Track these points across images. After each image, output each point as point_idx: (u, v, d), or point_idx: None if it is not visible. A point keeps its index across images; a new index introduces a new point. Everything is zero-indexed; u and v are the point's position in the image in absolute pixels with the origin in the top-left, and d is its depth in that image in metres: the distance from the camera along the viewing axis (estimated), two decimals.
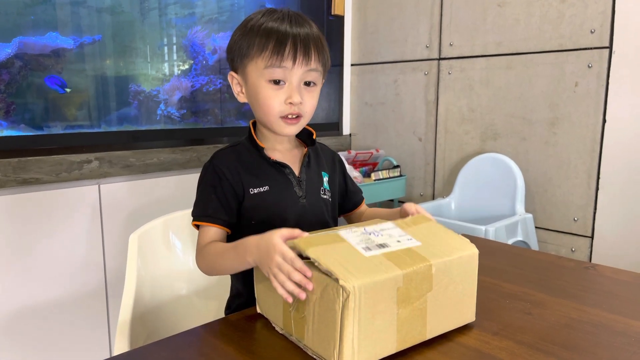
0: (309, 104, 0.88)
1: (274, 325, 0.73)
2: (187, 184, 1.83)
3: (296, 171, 0.92)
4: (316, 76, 0.88)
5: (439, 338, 0.70)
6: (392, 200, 2.36)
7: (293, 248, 0.66)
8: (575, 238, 1.80)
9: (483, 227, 1.62)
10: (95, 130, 1.69)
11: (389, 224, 0.75)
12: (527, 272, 0.99)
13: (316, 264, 0.62)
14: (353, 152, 2.27)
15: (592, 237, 1.76)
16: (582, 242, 1.79)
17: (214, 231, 0.86)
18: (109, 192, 1.65)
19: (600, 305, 0.82)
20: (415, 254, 0.68)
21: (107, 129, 1.72)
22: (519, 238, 1.76)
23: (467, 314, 0.74)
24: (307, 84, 0.87)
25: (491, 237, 1.61)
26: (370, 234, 0.71)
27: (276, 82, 0.85)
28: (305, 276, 0.64)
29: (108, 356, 1.68)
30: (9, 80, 1.49)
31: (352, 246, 0.67)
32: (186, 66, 1.93)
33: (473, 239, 1.22)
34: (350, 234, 0.70)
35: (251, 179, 0.88)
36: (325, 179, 0.96)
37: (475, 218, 1.96)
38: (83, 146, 1.61)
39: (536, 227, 1.88)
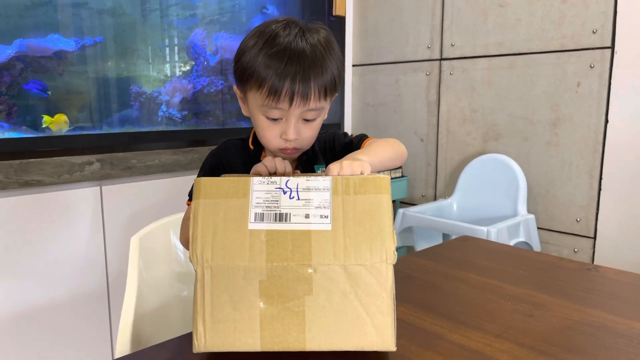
0: (306, 137, 0.84)
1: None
2: (188, 185, 1.83)
3: None
4: (316, 113, 0.83)
5: (436, 339, 0.70)
6: (394, 202, 2.36)
7: (195, 185, 0.63)
8: (578, 239, 1.80)
9: (485, 228, 1.62)
10: (97, 131, 1.69)
11: (325, 182, 0.62)
12: (529, 273, 0.99)
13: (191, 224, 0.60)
14: None
15: (594, 238, 1.76)
16: (584, 243, 1.78)
17: None
18: (111, 194, 1.66)
19: (602, 307, 0.82)
20: (307, 244, 0.60)
21: (109, 130, 1.72)
22: (521, 239, 1.76)
23: (376, 338, 0.61)
24: (307, 120, 0.83)
25: (493, 238, 1.60)
26: (286, 192, 0.61)
27: (273, 119, 0.82)
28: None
29: (110, 359, 1.69)
30: (11, 82, 1.49)
31: (245, 208, 0.60)
32: (187, 67, 1.93)
33: (475, 240, 1.22)
34: (262, 187, 0.61)
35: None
36: (320, 170, 0.95)
37: (477, 219, 1.95)
38: (84, 148, 1.61)
39: (538, 228, 1.87)
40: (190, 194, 0.90)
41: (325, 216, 0.61)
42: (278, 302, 0.60)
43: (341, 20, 2.40)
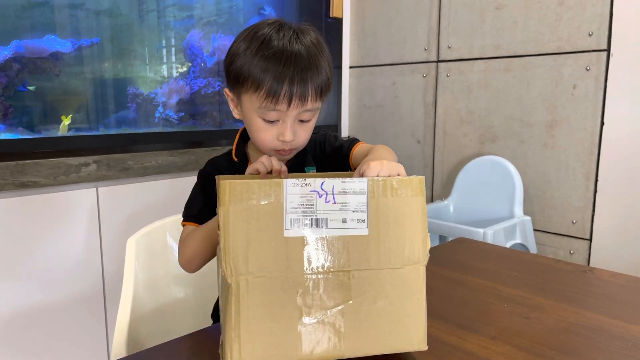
0: (302, 137, 0.85)
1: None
2: (185, 187, 1.82)
3: None
4: (312, 114, 0.84)
5: (433, 341, 0.70)
6: None
7: (219, 190, 0.57)
8: (574, 240, 1.80)
9: (481, 230, 1.62)
10: (94, 133, 1.69)
11: (362, 185, 0.60)
12: (525, 275, 0.99)
13: (219, 233, 0.55)
14: None
15: (590, 240, 1.76)
16: (580, 245, 1.79)
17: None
18: (107, 196, 1.65)
19: (598, 309, 0.82)
20: (344, 250, 0.59)
21: (105, 131, 1.72)
22: (518, 241, 1.76)
23: (412, 339, 0.62)
24: (302, 120, 0.84)
25: (489, 239, 1.61)
26: (322, 196, 0.58)
27: (270, 121, 0.82)
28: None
29: None
30: (7, 83, 1.49)
31: (280, 214, 0.56)
32: (184, 69, 1.93)
33: (471, 242, 1.22)
34: (296, 189, 0.57)
35: None
36: (311, 172, 0.95)
37: (473, 221, 1.95)
38: (81, 149, 1.61)
39: (534, 230, 1.88)
40: (186, 214, 0.89)
41: (362, 220, 0.59)
42: (317, 312, 0.58)
43: (338, 21, 2.40)
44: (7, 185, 1.43)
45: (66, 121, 1.59)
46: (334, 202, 0.58)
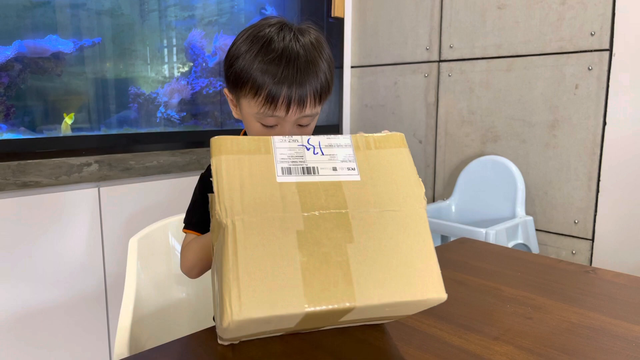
0: None
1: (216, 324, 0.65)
2: (186, 186, 1.83)
3: None
4: (311, 119, 0.84)
5: (435, 342, 0.70)
6: None
7: (213, 145, 0.58)
8: (576, 240, 1.80)
9: (483, 230, 1.62)
10: (95, 133, 1.69)
11: (346, 139, 0.62)
12: (527, 275, 0.99)
13: (211, 180, 0.55)
14: None
15: (592, 240, 1.76)
16: (582, 245, 1.79)
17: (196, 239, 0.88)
18: (109, 196, 1.65)
19: (601, 310, 0.82)
20: (339, 193, 0.58)
21: (107, 131, 1.72)
22: (520, 241, 1.76)
23: (428, 286, 0.58)
24: (301, 125, 0.84)
25: (491, 239, 1.61)
26: (309, 149, 0.59)
27: (269, 126, 0.82)
28: None
29: None
30: (9, 83, 1.49)
31: (271, 163, 0.57)
32: (186, 69, 1.93)
33: (473, 242, 1.22)
34: (284, 144, 0.59)
35: None
36: None
37: (475, 221, 1.95)
38: (83, 149, 1.61)
39: (536, 230, 1.88)
40: (186, 222, 0.90)
41: (352, 168, 0.60)
42: (319, 253, 0.55)
43: (340, 21, 2.40)
44: (8, 185, 1.43)
45: (68, 119, 1.59)
46: (322, 154, 0.59)
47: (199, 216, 0.87)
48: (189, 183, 1.83)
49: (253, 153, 0.57)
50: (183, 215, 1.11)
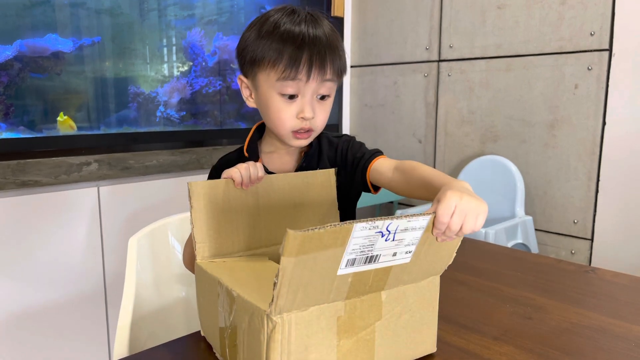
0: (320, 117, 0.84)
1: (214, 350, 0.68)
2: (186, 186, 1.83)
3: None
4: (330, 86, 0.83)
5: (438, 342, 0.70)
6: (392, 202, 2.36)
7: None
8: (575, 240, 1.80)
9: (483, 230, 1.62)
10: (95, 132, 1.68)
11: (424, 222, 0.56)
12: (527, 275, 0.99)
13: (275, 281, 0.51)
14: None
15: (592, 240, 1.76)
16: (582, 245, 1.79)
17: None
18: (108, 195, 1.65)
19: (601, 310, 0.82)
20: (384, 276, 0.58)
21: (107, 131, 1.72)
22: (519, 240, 1.76)
23: (426, 344, 0.66)
24: (322, 97, 0.83)
25: (491, 239, 1.61)
26: (384, 235, 0.54)
27: (290, 97, 0.81)
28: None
29: None
30: (8, 82, 1.49)
31: (339, 257, 0.53)
32: (185, 68, 1.92)
33: (473, 242, 1.22)
34: (363, 233, 0.53)
35: None
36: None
37: None
38: (82, 148, 1.60)
39: (536, 230, 1.88)
40: None
41: (409, 252, 0.58)
42: (352, 334, 0.58)
43: (340, 21, 2.40)
44: (8, 185, 1.43)
45: (59, 118, 1.58)
46: (393, 240, 0.55)
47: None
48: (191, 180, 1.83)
49: (327, 248, 0.51)
50: (183, 215, 1.11)
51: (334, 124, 2.46)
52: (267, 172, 0.89)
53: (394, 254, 0.57)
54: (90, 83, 1.67)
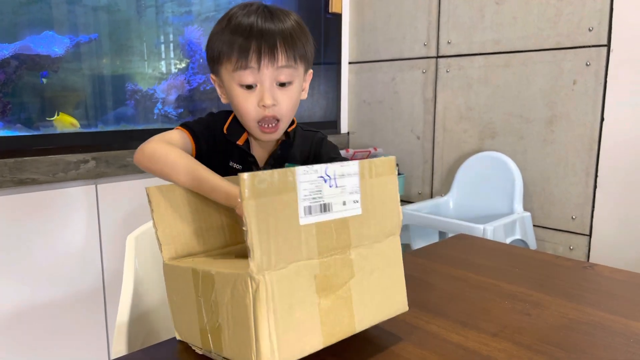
0: (284, 104, 0.85)
1: (194, 348, 0.68)
2: None
3: (261, 162, 0.92)
4: (290, 73, 0.84)
5: (433, 338, 0.70)
6: None
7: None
8: (573, 236, 1.80)
9: (481, 226, 1.62)
10: (92, 129, 1.68)
11: (355, 167, 0.63)
12: (525, 272, 0.99)
13: (245, 231, 0.54)
14: (351, 151, 2.27)
15: (590, 235, 1.76)
16: (580, 240, 1.79)
17: (184, 140, 0.86)
18: (106, 193, 1.65)
19: (599, 306, 0.82)
20: (345, 230, 0.62)
21: (104, 128, 1.71)
22: (517, 237, 1.77)
23: (398, 304, 0.70)
24: (282, 84, 0.84)
25: (489, 236, 1.61)
26: (326, 180, 0.60)
27: (248, 87, 0.83)
28: None
29: (106, 359, 1.68)
30: (5, 80, 1.48)
31: (296, 202, 0.57)
32: (183, 65, 1.92)
33: (471, 238, 1.22)
34: (307, 177, 0.58)
35: (226, 153, 0.91)
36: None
37: (473, 217, 1.95)
38: (80, 146, 1.60)
39: (534, 226, 1.88)
40: (185, 124, 0.88)
41: (356, 201, 0.63)
42: (330, 293, 0.60)
43: (337, 17, 2.39)
44: (5, 183, 1.43)
45: (56, 117, 1.58)
46: (336, 187, 0.61)
47: (201, 129, 0.87)
48: None
49: (279, 194, 0.55)
50: None
51: (332, 120, 2.46)
52: (249, 154, 0.92)
53: (344, 203, 0.61)
54: (88, 80, 1.66)
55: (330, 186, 0.60)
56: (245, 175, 0.52)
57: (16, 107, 1.51)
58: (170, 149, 0.80)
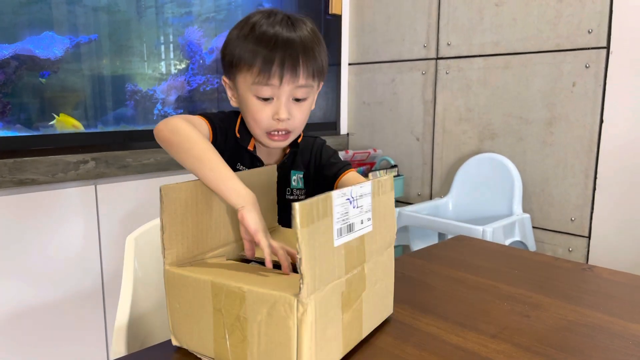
0: (297, 118, 0.86)
1: (199, 356, 0.67)
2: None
3: None
4: (306, 91, 0.85)
5: (432, 340, 0.70)
6: None
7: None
8: (573, 238, 1.80)
9: (481, 228, 1.62)
10: (92, 130, 1.68)
11: (369, 187, 0.66)
12: (524, 273, 0.99)
13: (297, 264, 0.55)
14: (350, 152, 2.27)
15: (589, 237, 1.76)
16: (579, 242, 1.79)
17: (204, 128, 0.85)
18: (106, 193, 1.65)
19: (598, 308, 0.82)
20: (361, 247, 0.65)
21: (104, 129, 1.71)
22: (517, 238, 1.77)
23: (387, 308, 0.75)
24: (297, 100, 0.86)
25: (489, 237, 1.61)
26: (351, 202, 0.62)
27: (265, 99, 0.84)
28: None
29: None
30: (5, 80, 1.48)
31: (331, 225, 0.59)
32: (183, 65, 1.92)
33: (470, 240, 1.22)
34: (340, 201, 0.60)
35: (235, 155, 0.91)
36: (296, 176, 0.95)
37: (472, 218, 1.96)
38: (79, 146, 1.60)
39: (533, 227, 1.88)
40: (204, 113, 0.88)
41: (369, 219, 0.66)
42: (349, 307, 0.64)
43: (337, 18, 2.40)
44: (5, 183, 1.43)
45: (58, 119, 1.58)
46: (357, 207, 0.64)
47: (219, 123, 0.87)
48: (186, 180, 1.83)
49: (322, 218, 0.57)
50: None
51: (332, 121, 2.46)
52: (258, 159, 0.92)
53: (362, 222, 0.65)
54: (88, 81, 1.66)
55: (353, 207, 0.63)
56: (297, 205, 0.53)
57: (16, 108, 1.51)
58: (194, 128, 0.79)
